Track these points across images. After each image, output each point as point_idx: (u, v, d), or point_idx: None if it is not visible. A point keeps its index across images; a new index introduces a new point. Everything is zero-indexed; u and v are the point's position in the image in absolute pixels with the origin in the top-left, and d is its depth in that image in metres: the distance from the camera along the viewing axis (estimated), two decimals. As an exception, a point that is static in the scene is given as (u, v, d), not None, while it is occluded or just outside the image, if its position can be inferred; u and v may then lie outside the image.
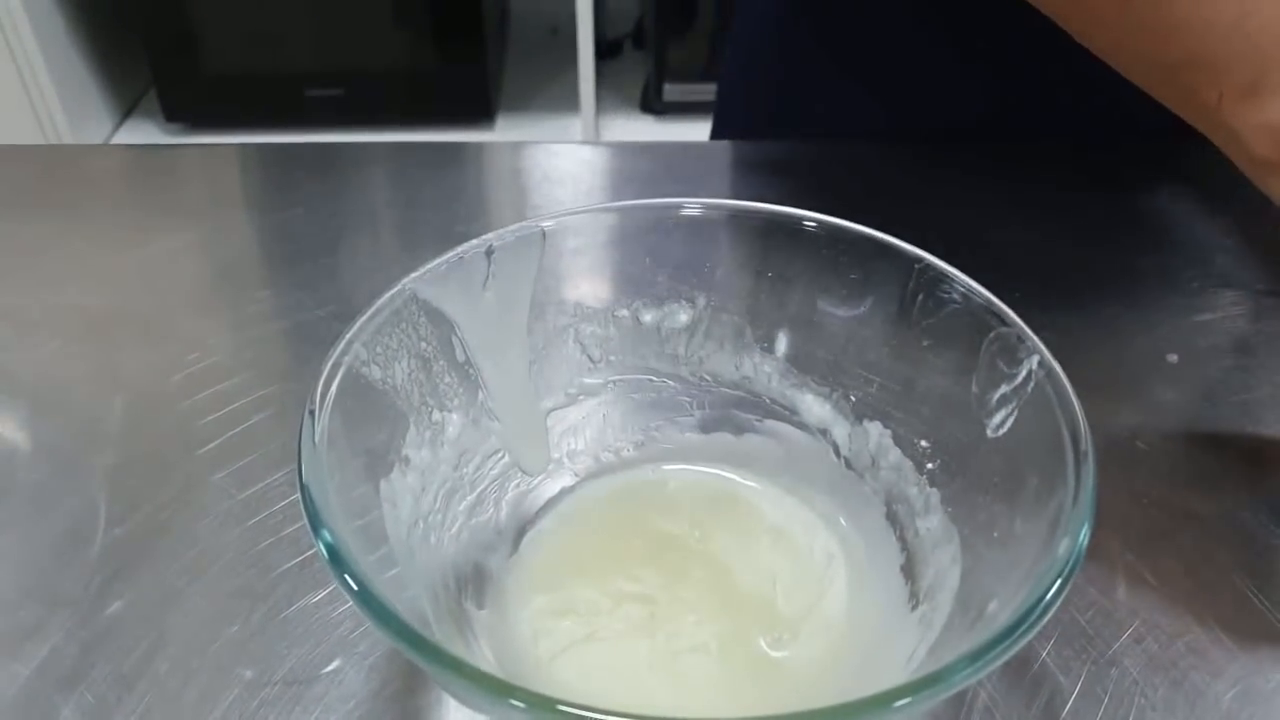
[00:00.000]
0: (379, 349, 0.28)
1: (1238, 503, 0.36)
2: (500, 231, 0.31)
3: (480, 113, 1.84)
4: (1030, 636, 0.21)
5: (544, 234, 0.32)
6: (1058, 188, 0.55)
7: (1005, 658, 0.20)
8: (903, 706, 0.20)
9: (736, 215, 0.33)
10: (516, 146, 0.62)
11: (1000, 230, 0.51)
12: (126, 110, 1.93)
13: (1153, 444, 0.39)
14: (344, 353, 0.27)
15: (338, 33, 1.75)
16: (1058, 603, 0.21)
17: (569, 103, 1.85)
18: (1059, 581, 0.22)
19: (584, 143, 0.64)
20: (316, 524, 0.23)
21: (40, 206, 0.54)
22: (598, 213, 0.33)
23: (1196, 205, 0.53)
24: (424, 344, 0.30)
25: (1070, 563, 0.22)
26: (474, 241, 0.31)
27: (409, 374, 0.29)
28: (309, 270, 0.48)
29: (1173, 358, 0.43)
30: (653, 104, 1.88)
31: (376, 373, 0.28)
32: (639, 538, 0.32)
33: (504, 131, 1.85)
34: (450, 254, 0.30)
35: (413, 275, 0.29)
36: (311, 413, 0.25)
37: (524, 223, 0.31)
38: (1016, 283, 0.30)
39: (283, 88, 1.79)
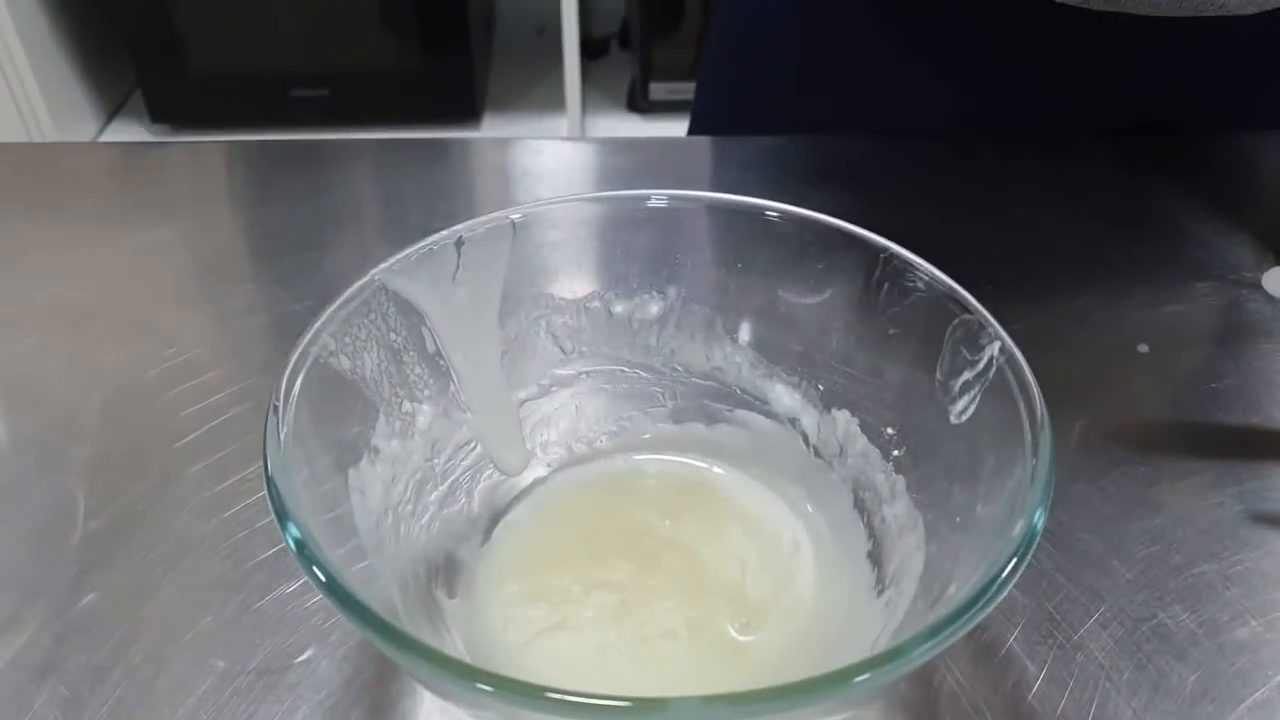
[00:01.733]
0: (347, 340, 0.28)
1: (1206, 491, 0.37)
2: (470, 222, 0.31)
3: (466, 113, 1.84)
4: (985, 612, 0.21)
5: (514, 225, 0.32)
6: (1027, 181, 0.55)
7: (961, 634, 0.21)
8: (862, 682, 0.20)
9: (704, 206, 0.33)
10: (500, 143, 0.63)
11: (971, 223, 0.51)
12: (112, 111, 1.92)
13: (1123, 433, 0.39)
14: (311, 343, 0.27)
15: (323, 33, 1.75)
16: (1013, 580, 0.22)
17: (555, 102, 1.85)
18: (1014, 560, 0.22)
19: (567, 139, 0.64)
20: (281, 513, 0.23)
21: (20, 202, 0.54)
22: (567, 204, 0.33)
23: (1167, 197, 0.54)
24: (393, 335, 0.30)
25: (1025, 541, 0.22)
26: (444, 232, 0.31)
27: (378, 365, 0.30)
28: (290, 265, 0.49)
29: (1143, 347, 0.43)
30: (639, 103, 1.89)
31: (345, 363, 0.28)
32: (611, 526, 0.33)
33: (490, 131, 1.85)
34: (420, 245, 0.30)
35: (381, 266, 0.29)
36: (276, 406, 0.25)
37: (494, 214, 0.31)
38: (987, 275, 0.30)
39: (268, 88, 1.79)
